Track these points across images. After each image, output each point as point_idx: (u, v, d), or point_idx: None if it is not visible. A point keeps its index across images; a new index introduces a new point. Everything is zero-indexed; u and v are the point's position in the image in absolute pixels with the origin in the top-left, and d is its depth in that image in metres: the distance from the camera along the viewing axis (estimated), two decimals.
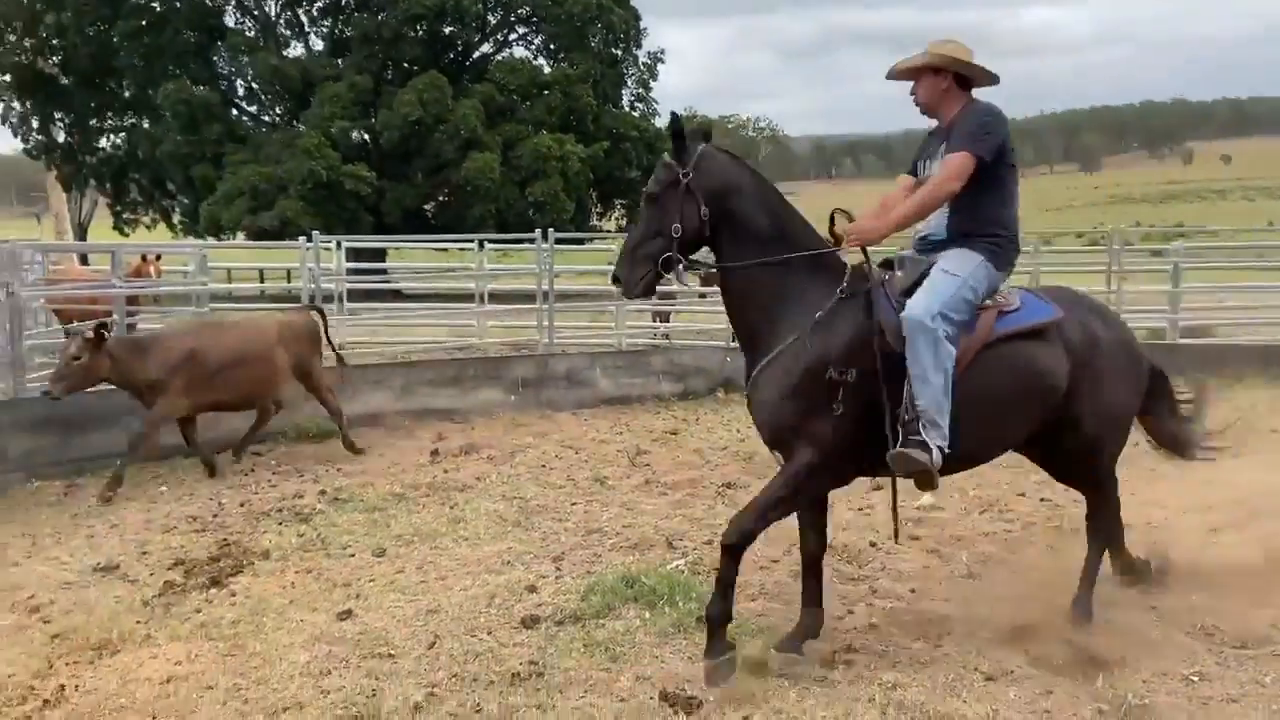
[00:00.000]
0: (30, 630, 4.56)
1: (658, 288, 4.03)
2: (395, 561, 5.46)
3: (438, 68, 29.20)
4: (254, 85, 31.48)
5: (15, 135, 32.37)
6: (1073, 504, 6.04)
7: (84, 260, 15.80)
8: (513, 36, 33.52)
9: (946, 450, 3.73)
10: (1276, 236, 24.06)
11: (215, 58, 31.30)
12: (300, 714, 3.64)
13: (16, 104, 32.02)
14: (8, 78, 31.12)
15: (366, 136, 29.44)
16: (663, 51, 34.36)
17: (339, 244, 13.72)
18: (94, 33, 29.84)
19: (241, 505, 6.72)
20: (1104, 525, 4.46)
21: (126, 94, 31.39)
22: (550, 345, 11.31)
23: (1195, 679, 3.82)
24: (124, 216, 33.90)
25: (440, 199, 30.60)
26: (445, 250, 22.53)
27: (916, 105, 4.07)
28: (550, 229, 12.76)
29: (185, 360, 7.25)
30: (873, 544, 5.45)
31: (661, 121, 33.82)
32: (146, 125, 30.67)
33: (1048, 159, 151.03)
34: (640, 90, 34.07)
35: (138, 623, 4.59)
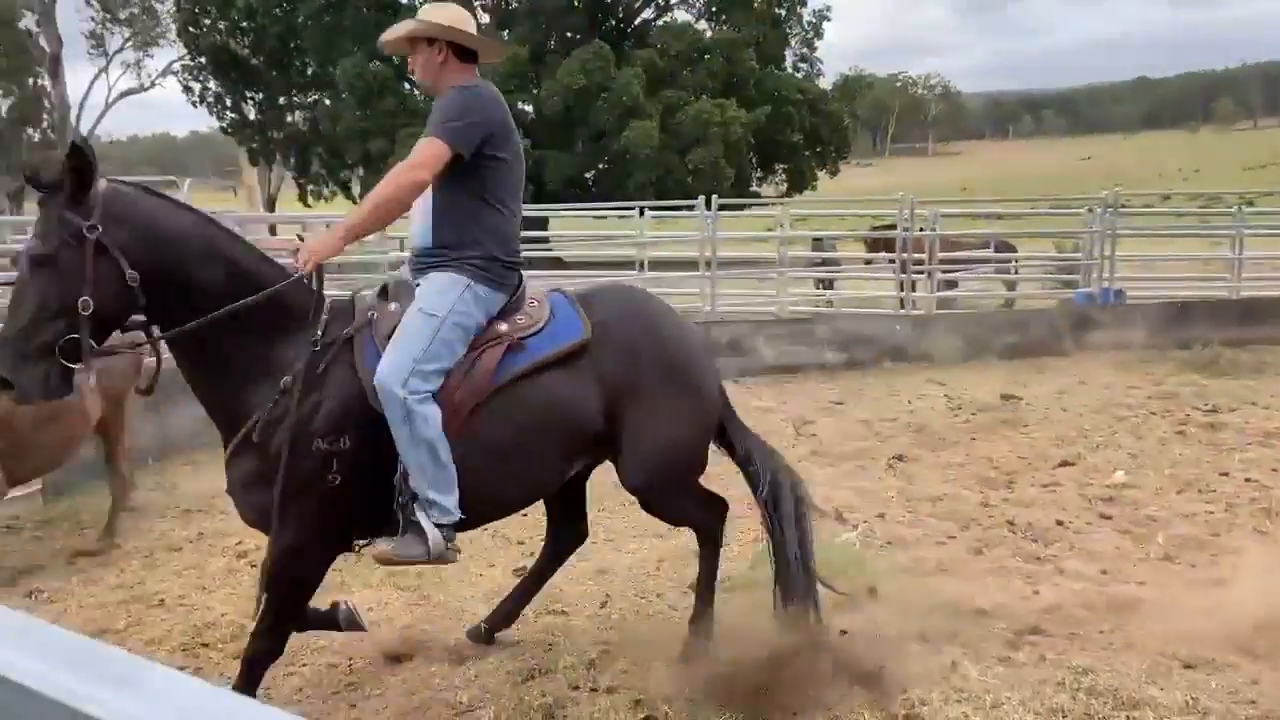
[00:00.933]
0: (239, 574, 4.92)
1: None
2: None
3: (599, 35, 29.42)
4: None
5: (211, 114, 34.79)
6: None
7: (272, 231, 16.86)
8: (674, 0, 33.38)
9: (455, 520, 3.17)
10: None
11: None
12: (481, 664, 3.79)
13: (213, 84, 34.37)
14: (204, 59, 33.42)
15: (529, 107, 30.02)
16: (828, 9, 33.32)
17: None
18: (281, 13, 31.61)
19: None
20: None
21: (309, 72, 33.14)
22: (713, 313, 11.28)
23: None
24: (308, 189, 35.89)
25: (600, 167, 30.96)
26: (604, 218, 22.79)
27: (418, 82, 3.50)
28: (712, 195, 12.68)
29: None
30: (1059, 522, 5.20)
31: (826, 82, 33.01)
32: (327, 101, 32.28)
33: (1250, 114, 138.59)
34: (804, 50, 33.31)
35: (333, 570, 4.87)
